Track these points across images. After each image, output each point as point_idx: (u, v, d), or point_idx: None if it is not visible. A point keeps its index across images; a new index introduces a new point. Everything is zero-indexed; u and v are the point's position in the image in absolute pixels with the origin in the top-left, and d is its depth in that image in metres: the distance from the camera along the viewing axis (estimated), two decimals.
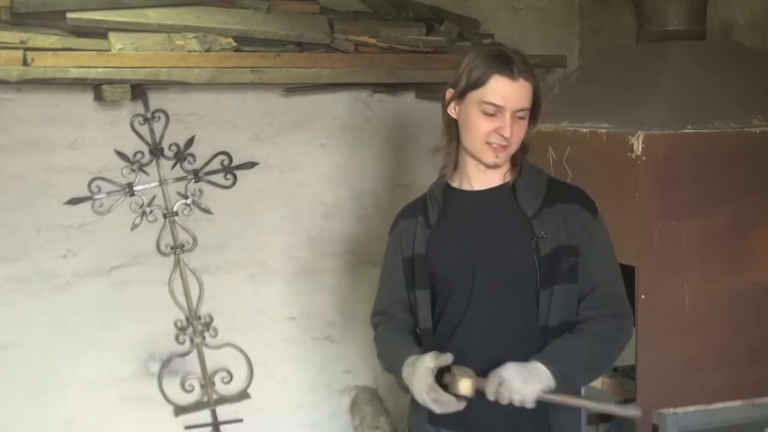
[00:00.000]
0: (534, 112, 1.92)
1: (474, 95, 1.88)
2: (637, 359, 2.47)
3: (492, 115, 1.87)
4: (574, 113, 2.73)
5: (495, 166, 1.93)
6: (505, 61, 1.86)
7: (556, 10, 3.82)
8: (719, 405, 2.51)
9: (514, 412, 1.86)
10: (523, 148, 1.96)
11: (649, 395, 2.47)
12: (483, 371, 1.88)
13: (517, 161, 1.97)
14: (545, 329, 1.89)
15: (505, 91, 1.85)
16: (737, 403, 2.53)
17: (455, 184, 2.00)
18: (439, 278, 1.96)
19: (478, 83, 1.87)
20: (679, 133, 2.44)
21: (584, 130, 2.63)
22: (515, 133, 1.88)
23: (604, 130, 2.55)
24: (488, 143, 1.89)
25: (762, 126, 2.49)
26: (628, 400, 2.80)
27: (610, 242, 1.98)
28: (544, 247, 1.88)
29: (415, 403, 1.96)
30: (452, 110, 1.94)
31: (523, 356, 1.87)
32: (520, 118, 1.89)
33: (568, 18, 3.85)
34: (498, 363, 1.86)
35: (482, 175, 1.96)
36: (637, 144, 2.40)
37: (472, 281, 1.91)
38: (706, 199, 2.47)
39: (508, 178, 1.97)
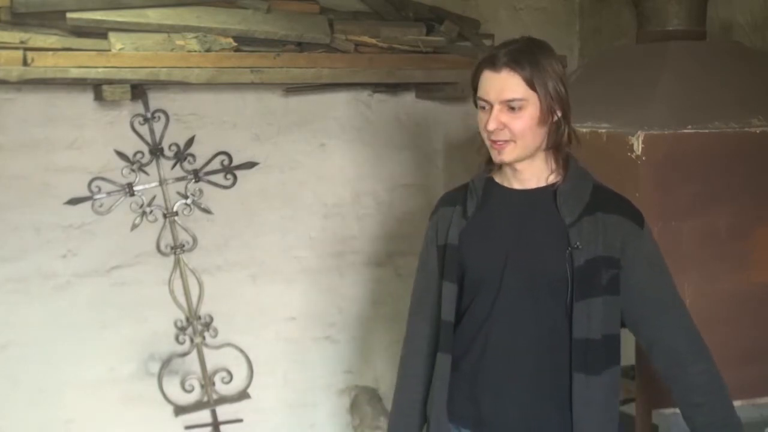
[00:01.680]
0: (545, 104, 1.83)
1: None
2: (637, 359, 2.47)
3: (486, 110, 1.86)
4: (574, 113, 2.70)
5: (501, 164, 1.91)
6: (491, 55, 1.85)
7: (556, 10, 3.82)
8: None
9: (533, 411, 1.87)
10: (559, 146, 1.89)
11: (649, 395, 2.46)
12: (504, 370, 1.89)
13: (560, 162, 1.91)
14: (586, 342, 1.84)
15: (488, 84, 1.84)
16: (737, 403, 2.49)
17: (498, 180, 1.97)
18: (469, 271, 1.93)
19: (474, 82, 1.89)
20: (679, 133, 2.43)
21: (584, 130, 2.62)
22: (512, 126, 1.82)
23: (604, 130, 2.55)
24: (491, 140, 1.86)
25: (762, 126, 2.49)
26: (628, 400, 2.80)
27: (660, 252, 1.93)
28: (579, 258, 1.83)
29: (432, 401, 1.98)
30: None
31: (545, 358, 1.86)
32: (513, 108, 1.82)
33: (568, 18, 3.84)
34: (519, 363, 1.87)
35: (516, 174, 1.92)
36: (637, 144, 2.39)
37: (501, 278, 1.88)
38: (706, 199, 2.46)
39: (552, 180, 1.91)
